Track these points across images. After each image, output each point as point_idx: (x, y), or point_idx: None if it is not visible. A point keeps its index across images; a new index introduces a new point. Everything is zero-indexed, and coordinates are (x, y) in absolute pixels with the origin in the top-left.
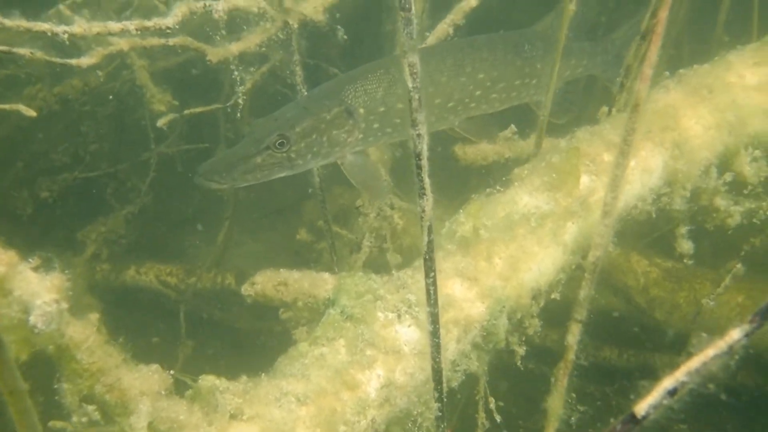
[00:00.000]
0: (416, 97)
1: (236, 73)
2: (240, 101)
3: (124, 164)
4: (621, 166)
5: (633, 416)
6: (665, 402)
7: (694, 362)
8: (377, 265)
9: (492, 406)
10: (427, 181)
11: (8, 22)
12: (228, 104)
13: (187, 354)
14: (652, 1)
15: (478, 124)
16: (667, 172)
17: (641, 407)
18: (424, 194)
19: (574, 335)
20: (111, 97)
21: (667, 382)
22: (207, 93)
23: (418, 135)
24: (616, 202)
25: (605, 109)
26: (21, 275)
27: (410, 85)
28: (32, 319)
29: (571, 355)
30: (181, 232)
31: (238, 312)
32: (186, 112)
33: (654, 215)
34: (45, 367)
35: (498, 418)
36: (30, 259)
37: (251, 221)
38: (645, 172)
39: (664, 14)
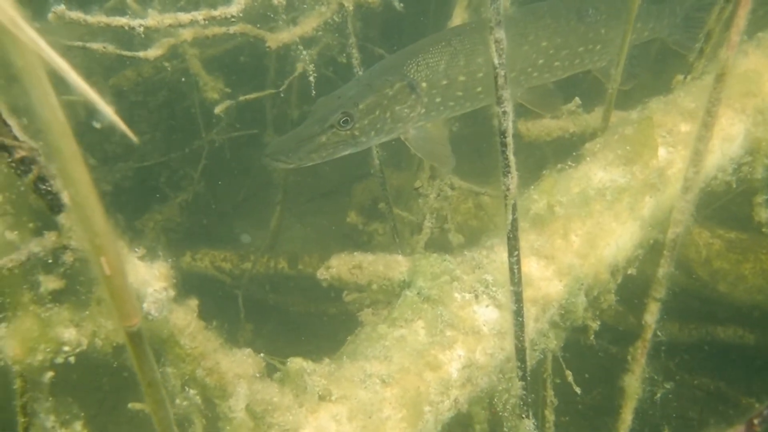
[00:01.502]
0: (502, 73)
1: (305, 53)
2: (311, 78)
3: (176, 153)
4: (704, 138)
5: None
6: None
7: None
8: (437, 245)
9: (570, 378)
10: (512, 158)
11: (90, 19)
12: (281, 89)
13: (247, 338)
14: None
15: (540, 94)
16: (749, 140)
17: None
18: (509, 172)
19: (652, 314)
20: (164, 85)
21: None
22: (253, 79)
23: (504, 112)
24: (698, 177)
25: (680, 77)
26: (131, 264)
27: (496, 61)
28: (146, 306)
29: (649, 334)
30: (233, 218)
31: (293, 295)
32: (241, 98)
33: (734, 186)
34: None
35: (578, 390)
36: (136, 249)
37: (298, 205)
38: (725, 141)
39: None
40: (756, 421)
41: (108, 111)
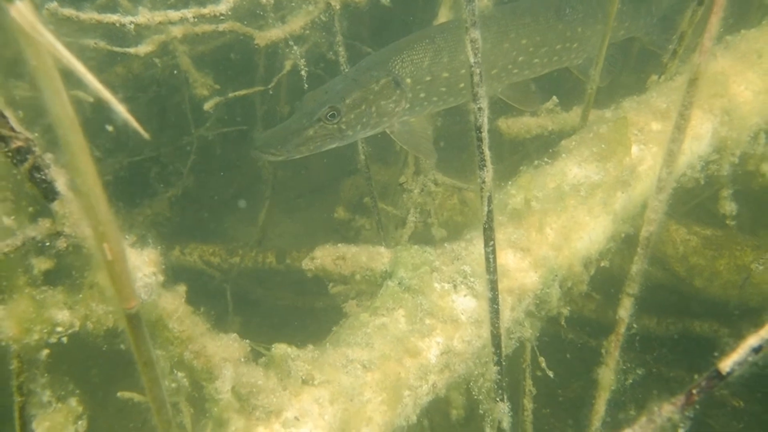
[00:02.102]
0: (477, 71)
1: (295, 48)
2: (303, 73)
3: (166, 148)
4: (677, 140)
5: (718, 373)
6: (750, 359)
7: None
8: (421, 240)
9: (543, 365)
10: (487, 153)
11: (83, 15)
12: (270, 86)
13: (236, 332)
14: None
15: (520, 90)
16: (717, 138)
17: (726, 364)
18: (485, 166)
19: (626, 309)
20: (153, 82)
21: (752, 340)
22: (243, 76)
23: (479, 108)
24: (671, 177)
25: (655, 77)
26: None
27: (472, 60)
28: (135, 290)
29: (622, 329)
30: (222, 213)
31: (280, 290)
32: (230, 95)
33: (702, 182)
34: None
35: (551, 374)
36: (126, 236)
37: (288, 201)
38: (694, 140)
39: None
40: (695, 391)
41: (121, 110)
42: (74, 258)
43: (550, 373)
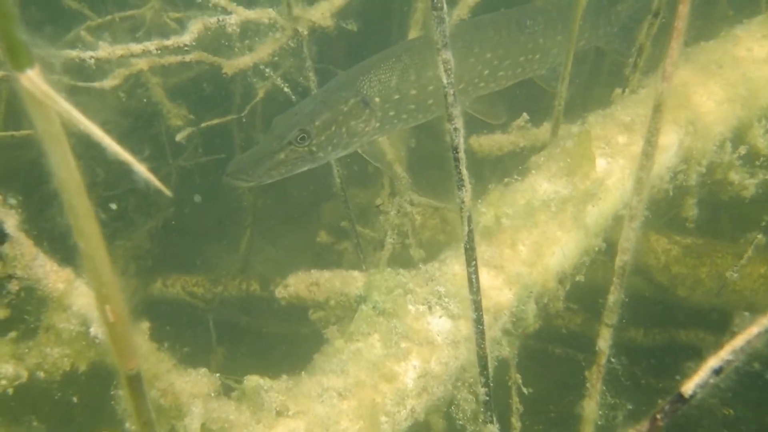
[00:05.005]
0: (451, 92)
1: (267, 70)
2: (286, 89)
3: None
4: (645, 168)
5: (680, 396)
6: (711, 381)
7: (739, 340)
8: (401, 261)
9: (519, 381)
10: (465, 173)
11: (39, 52)
12: (243, 113)
13: (219, 362)
14: None
15: (487, 103)
16: (683, 149)
17: (688, 387)
18: (463, 186)
19: (605, 340)
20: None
21: (713, 362)
22: (219, 105)
23: (455, 129)
24: (642, 204)
25: (619, 90)
26: (78, 290)
27: (445, 80)
28: (93, 330)
29: (603, 360)
30: (204, 243)
31: (265, 317)
32: (203, 124)
33: (671, 193)
34: (102, 377)
35: (526, 391)
36: (84, 275)
37: (269, 228)
38: (662, 151)
39: (685, 9)
40: (659, 416)
41: (142, 170)
42: (27, 302)
43: (525, 390)
